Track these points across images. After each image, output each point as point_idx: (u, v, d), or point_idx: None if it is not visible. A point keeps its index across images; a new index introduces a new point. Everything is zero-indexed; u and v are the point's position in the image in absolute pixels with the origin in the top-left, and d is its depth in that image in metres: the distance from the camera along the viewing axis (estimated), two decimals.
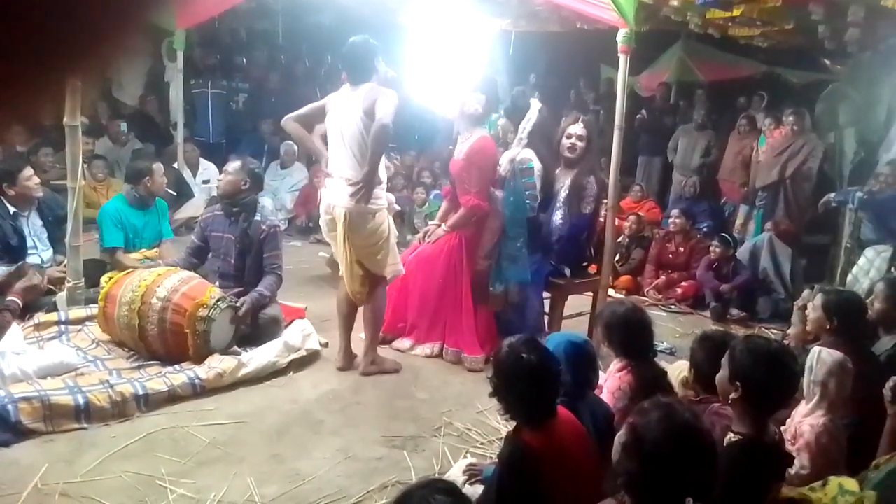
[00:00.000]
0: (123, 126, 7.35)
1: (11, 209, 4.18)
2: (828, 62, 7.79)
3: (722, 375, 2.15)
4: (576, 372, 2.34)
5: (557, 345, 2.39)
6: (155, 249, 4.54)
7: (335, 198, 3.54)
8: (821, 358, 2.54)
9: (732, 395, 2.05)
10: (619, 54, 4.01)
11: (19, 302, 3.19)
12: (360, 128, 3.42)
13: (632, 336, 2.76)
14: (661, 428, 1.60)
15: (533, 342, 2.21)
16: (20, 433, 2.89)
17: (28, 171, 4.26)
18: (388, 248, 3.67)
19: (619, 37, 3.97)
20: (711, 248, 5.64)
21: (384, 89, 3.44)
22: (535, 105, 4.13)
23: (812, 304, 3.15)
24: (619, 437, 1.71)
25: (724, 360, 2.16)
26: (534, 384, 2.07)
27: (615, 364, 2.81)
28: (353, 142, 3.46)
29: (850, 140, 6.68)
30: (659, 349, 4.11)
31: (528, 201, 4.05)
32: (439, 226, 4.26)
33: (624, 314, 2.80)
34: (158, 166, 4.66)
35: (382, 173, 3.59)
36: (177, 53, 6.63)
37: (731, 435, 2.02)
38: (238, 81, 8.61)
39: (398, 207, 4.02)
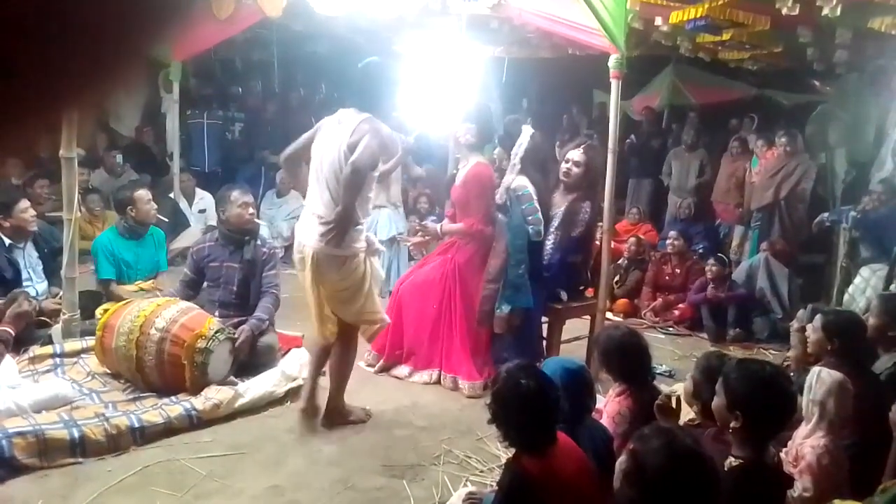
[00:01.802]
0: (119, 157, 7.37)
1: (7, 241, 4.17)
2: (817, 83, 7.90)
3: (718, 403, 2.13)
4: (573, 399, 2.32)
5: (553, 372, 2.37)
6: (151, 281, 4.52)
7: (305, 235, 3.21)
8: (820, 377, 2.53)
9: (733, 424, 2.04)
10: (610, 79, 4.06)
11: (11, 332, 3.17)
12: (341, 161, 3.08)
13: (629, 361, 2.75)
14: (663, 455, 1.59)
15: (531, 368, 2.20)
16: (14, 469, 2.85)
17: (24, 203, 4.26)
18: (364, 297, 3.28)
19: (611, 62, 4.01)
20: (707, 268, 5.65)
21: (380, 127, 3.15)
22: (527, 131, 4.18)
23: (812, 325, 3.14)
24: (620, 464, 1.70)
25: (719, 388, 2.14)
26: (533, 410, 2.06)
27: (614, 389, 2.80)
28: (331, 174, 3.12)
29: (840, 160, 6.75)
30: (658, 372, 4.10)
31: (531, 226, 4.04)
32: (438, 234, 4.35)
33: (620, 339, 2.80)
34: (141, 194, 4.49)
35: (363, 211, 3.25)
36: (173, 84, 6.69)
37: (732, 459, 2.00)
38: (234, 111, 8.68)
39: (382, 249, 3.67)
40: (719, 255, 5.94)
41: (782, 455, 2.51)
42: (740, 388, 2.05)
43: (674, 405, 2.46)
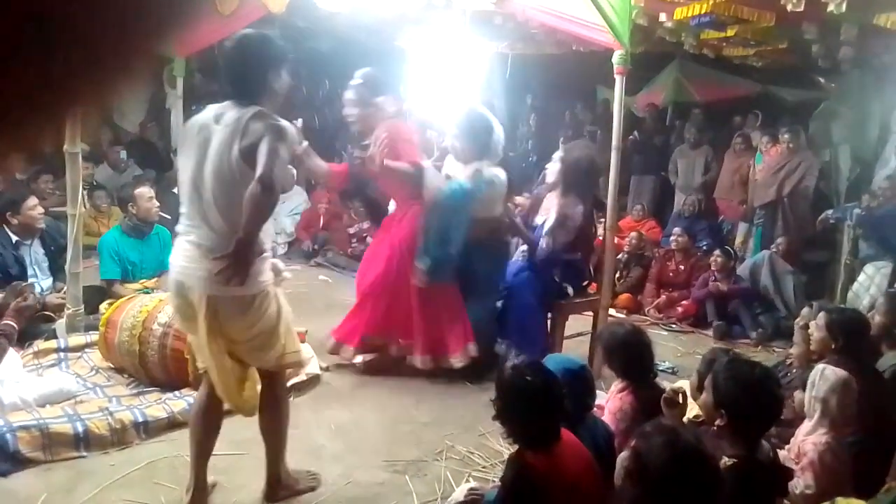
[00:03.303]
0: (123, 153, 7.39)
1: (14, 238, 4.19)
2: (822, 80, 7.87)
3: (706, 400, 2.15)
4: (574, 399, 2.31)
5: (553, 371, 2.37)
6: (155, 280, 4.53)
7: (186, 274, 2.41)
8: (824, 375, 2.53)
9: (718, 422, 2.06)
10: (614, 75, 4.05)
11: (14, 325, 3.18)
12: (232, 171, 2.32)
13: (632, 358, 2.76)
14: (665, 452, 1.60)
15: (536, 365, 2.20)
16: (19, 462, 2.86)
17: (32, 200, 4.28)
18: (283, 336, 2.56)
19: (615, 58, 4.00)
20: (712, 259, 5.65)
21: (278, 122, 2.37)
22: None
23: (815, 323, 3.13)
24: (623, 460, 1.70)
25: (707, 385, 2.15)
26: (538, 407, 2.06)
27: (616, 385, 2.80)
28: (220, 191, 2.34)
29: (844, 157, 6.73)
30: (660, 369, 4.09)
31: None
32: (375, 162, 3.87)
33: (623, 336, 2.80)
34: (142, 191, 4.46)
35: (268, 234, 2.51)
36: (177, 80, 6.68)
37: (725, 459, 2.01)
38: None
39: (289, 275, 2.85)
40: (725, 247, 5.93)
41: (784, 452, 2.52)
42: (727, 388, 2.06)
43: (680, 400, 2.47)
